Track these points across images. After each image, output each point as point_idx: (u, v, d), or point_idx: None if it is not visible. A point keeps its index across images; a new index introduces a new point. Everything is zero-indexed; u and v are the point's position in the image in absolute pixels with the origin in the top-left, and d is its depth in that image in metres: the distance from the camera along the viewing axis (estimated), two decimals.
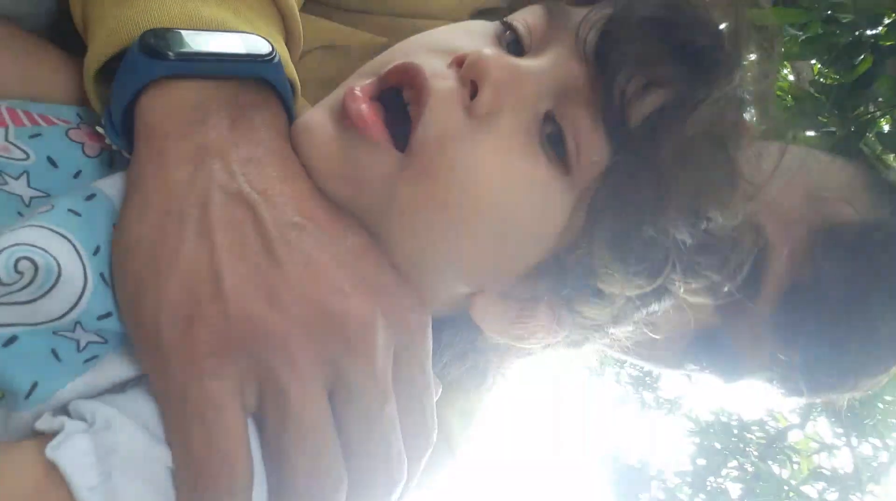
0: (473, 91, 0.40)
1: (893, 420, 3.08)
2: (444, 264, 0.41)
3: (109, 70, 0.39)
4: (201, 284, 0.33)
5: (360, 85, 0.40)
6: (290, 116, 0.42)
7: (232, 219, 0.34)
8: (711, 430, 3.72)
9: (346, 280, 0.36)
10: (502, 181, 0.39)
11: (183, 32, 0.38)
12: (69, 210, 0.36)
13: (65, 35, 0.45)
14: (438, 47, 0.42)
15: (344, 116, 0.39)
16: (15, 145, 0.39)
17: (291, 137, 0.41)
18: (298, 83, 0.43)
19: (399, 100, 0.41)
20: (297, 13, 0.44)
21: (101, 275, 0.35)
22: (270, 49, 0.39)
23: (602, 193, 0.40)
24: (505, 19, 0.45)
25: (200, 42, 0.38)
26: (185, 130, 0.37)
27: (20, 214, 0.38)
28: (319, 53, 0.58)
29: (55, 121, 0.42)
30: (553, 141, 0.40)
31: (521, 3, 0.47)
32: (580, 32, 0.41)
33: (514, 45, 0.44)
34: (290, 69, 0.42)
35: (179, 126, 0.37)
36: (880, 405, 3.08)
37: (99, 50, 0.39)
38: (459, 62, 0.41)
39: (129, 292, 0.34)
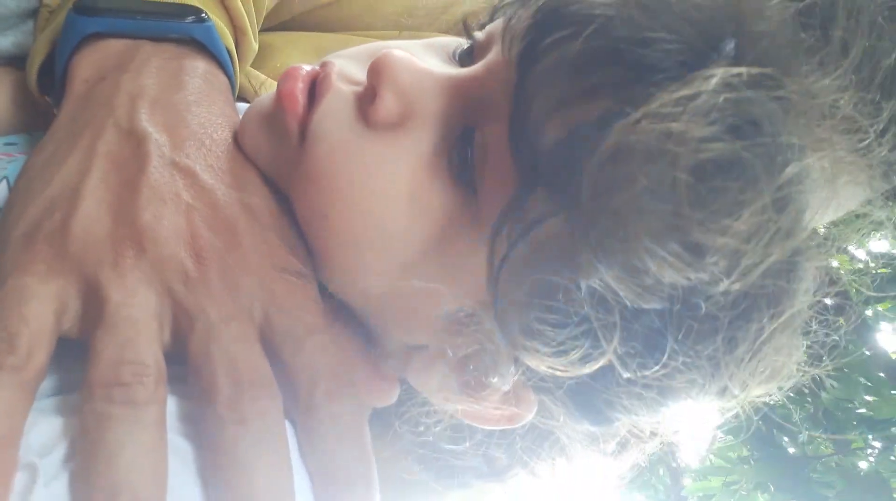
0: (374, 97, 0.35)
1: None
2: (338, 283, 0.36)
3: None
4: (61, 203, 0.32)
5: (309, 66, 0.39)
6: (232, 83, 0.42)
7: (117, 152, 0.34)
8: None
9: (206, 221, 0.33)
10: (388, 200, 0.34)
11: None
12: None
13: None
14: (374, 55, 0.38)
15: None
16: None
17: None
18: (235, 55, 0.43)
19: None
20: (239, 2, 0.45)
21: None
22: (203, 13, 0.40)
23: (497, 239, 0.32)
24: (474, 31, 0.40)
25: (132, 3, 0.40)
26: (105, 74, 0.37)
27: None
28: None
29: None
30: (463, 161, 0.35)
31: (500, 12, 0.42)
32: (507, 30, 0.34)
33: (467, 56, 0.39)
34: (228, 40, 0.42)
35: (101, 72, 0.38)
36: None
37: (50, 30, 0.41)
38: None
39: (2, 213, 0.34)
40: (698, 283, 0.29)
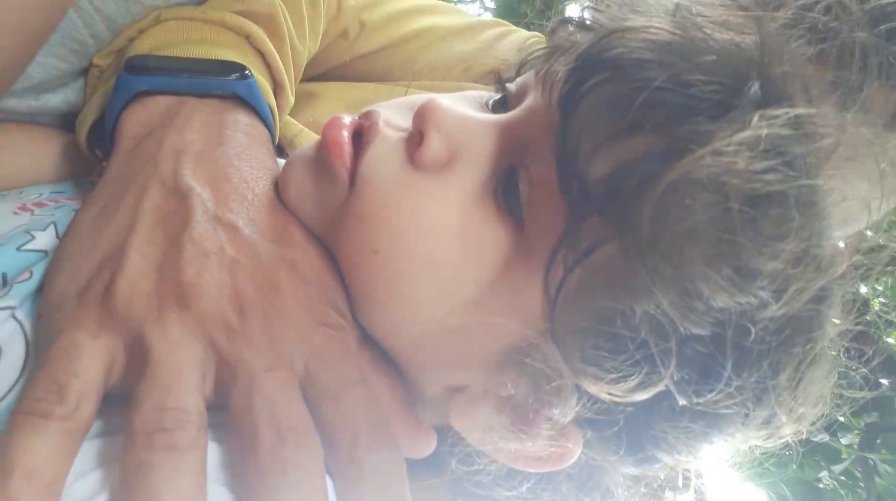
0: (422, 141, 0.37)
1: None
2: (385, 324, 0.37)
3: None
4: (109, 261, 0.33)
5: (350, 117, 0.40)
6: (272, 137, 0.44)
7: (162, 208, 0.35)
8: None
9: (249, 276, 0.34)
10: (438, 235, 0.36)
11: (167, 57, 0.42)
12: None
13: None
14: (416, 105, 0.40)
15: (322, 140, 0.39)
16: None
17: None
18: (276, 111, 0.45)
19: None
20: (275, 52, 0.47)
21: None
22: (246, 70, 0.42)
23: (552, 266, 0.34)
24: (506, 83, 0.43)
25: (180, 62, 0.42)
26: (151, 130, 0.39)
27: None
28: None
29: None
30: (509, 197, 0.36)
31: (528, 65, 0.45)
32: (547, 75, 0.36)
33: (500, 105, 0.42)
34: (270, 96, 0.44)
35: (147, 128, 0.39)
36: None
37: (100, 95, 0.43)
38: None
39: (49, 270, 0.35)
40: (748, 307, 0.31)
